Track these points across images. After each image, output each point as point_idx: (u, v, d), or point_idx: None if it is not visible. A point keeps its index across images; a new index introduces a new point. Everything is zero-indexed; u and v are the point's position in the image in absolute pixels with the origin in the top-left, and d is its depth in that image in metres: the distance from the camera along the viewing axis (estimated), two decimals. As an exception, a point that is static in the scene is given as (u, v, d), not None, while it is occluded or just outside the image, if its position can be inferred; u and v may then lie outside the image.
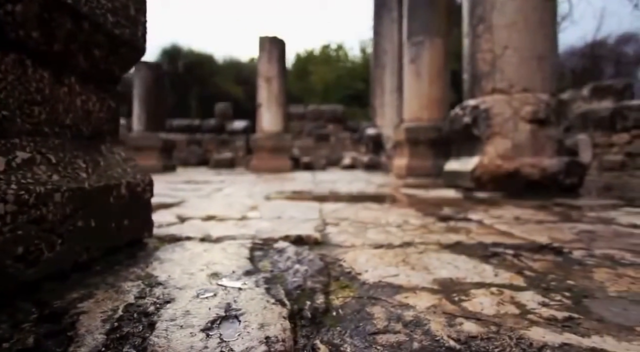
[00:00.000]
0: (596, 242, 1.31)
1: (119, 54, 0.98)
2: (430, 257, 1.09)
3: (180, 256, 0.99)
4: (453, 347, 0.58)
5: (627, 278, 0.94)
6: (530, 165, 3.02)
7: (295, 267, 0.95)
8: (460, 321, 0.67)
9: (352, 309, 0.73)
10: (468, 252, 1.18)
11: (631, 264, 1.05)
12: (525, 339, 0.60)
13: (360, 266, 0.98)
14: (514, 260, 1.10)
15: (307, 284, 0.83)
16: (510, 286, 0.87)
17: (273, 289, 0.76)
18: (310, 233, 1.32)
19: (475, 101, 3.28)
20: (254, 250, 1.09)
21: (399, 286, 0.85)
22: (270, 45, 8.08)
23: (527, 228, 1.58)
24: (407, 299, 0.77)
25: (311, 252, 1.10)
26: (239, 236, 1.28)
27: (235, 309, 0.65)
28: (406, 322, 0.66)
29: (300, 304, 0.72)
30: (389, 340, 0.61)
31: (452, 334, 0.62)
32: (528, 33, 3.04)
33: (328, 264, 1.01)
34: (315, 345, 0.59)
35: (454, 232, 1.49)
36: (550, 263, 1.07)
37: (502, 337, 0.61)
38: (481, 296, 0.80)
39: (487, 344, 0.59)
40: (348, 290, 0.84)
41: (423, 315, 0.69)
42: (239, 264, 0.93)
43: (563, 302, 0.77)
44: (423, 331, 0.63)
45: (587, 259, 1.11)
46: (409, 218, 1.84)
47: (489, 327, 0.64)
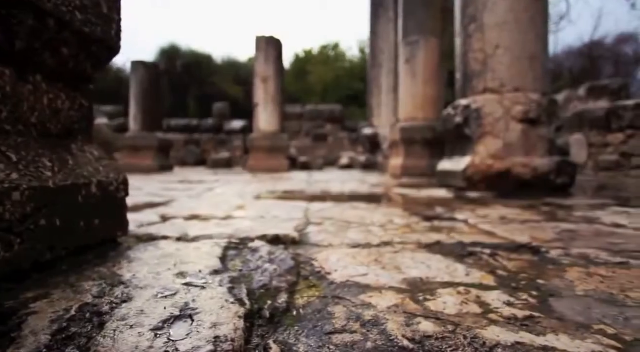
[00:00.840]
0: (575, 242, 1.31)
1: (90, 52, 0.98)
2: (404, 256, 1.09)
3: (151, 255, 0.98)
4: (406, 347, 0.58)
5: (598, 277, 0.93)
6: (522, 165, 3.02)
7: (265, 266, 0.94)
8: (419, 320, 0.66)
9: (314, 309, 0.72)
10: (445, 251, 1.18)
11: (605, 263, 1.05)
12: (479, 338, 0.60)
13: (332, 266, 0.98)
14: (489, 260, 1.09)
15: (273, 284, 0.82)
16: (480, 285, 0.87)
17: (236, 288, 0.76)
18: (288, 233, 1.32)
19: (466, 101, 3.28)
20: (228, 249, 1.09)
21: (366, 286, 0.84)
22: (267, 45, 8.08)
23: (511, 228, 1.57)
24: (371, 298, 0.77)
25: (285, 251, 1.10)
26: (216, 235, 1.28)
27: (192, 308, 0.64)
28: (364, 322, 0.66)
29: (261, 303, 0.72)
30: (344, 340, 0.61)
31: (408, 333, 0.62)
32: (519, 33, 3.04)
33: (300, 264, 1.00)
34: (268, 345, 0.58)
35: (436, 232, 1.49)
36: (525, 263, 1.07)
37: (457, 336, 0.60)
38: (447, 295, 0.79)
39: (441, 344, 0.59)
40: (314, 289, 0.83)
41: (383, 315, 0.69)
42: (209, 263, 0.93)
43: (528, 302, 0.77)
44: (379, 330, 0.63)
45: (563, 259, 1.10)
46: (394, 218, 1.83)
47: (446, 327, 0.64)
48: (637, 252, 1.15)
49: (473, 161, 3.14)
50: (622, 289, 0.85)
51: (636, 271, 0.98)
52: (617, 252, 1.15)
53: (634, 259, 1.09)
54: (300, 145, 12.69)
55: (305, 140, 13.16)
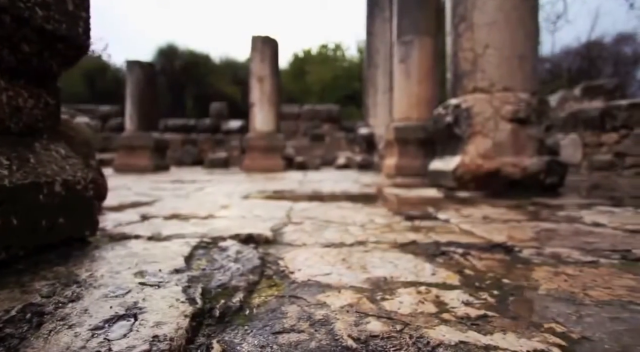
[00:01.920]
0: (552, 241, 1.30)
1: (55, 49, 0.97)
2: (374, 256, 1.08)
3: (116, 254, 0.98)
4: (350, 347, 0.57)
5: (564, 276, 0.93)
6: (511, 165, 3.01)
7: (229, 265, 0.94)
8: (369, 320, 0.66)
9: (268, 308, 0.72)
10: (418, 251, 1.17)
11: (574, 262, 1.05)
12: (424, 337, 0.59)
13: (297, 265, 0.97)
14: (460, 259, 1.09)
15: (232, 283, 0.82)
16: (443, 284, 0.87)
17: (192, 287, 0.75)
18: (262, 232, 1.31)
19: (457, 100, 3.28)
20: (197, 248, 1.08)
21: (327, 285, 0.84)
22: (263, 44, 8.07)
23: (490, 227, 1.57)
24: (328, 298, 0.76)
25: (254, 251, 1.09)
26: (189, 235, 1.27)
27: (139, 307, 0.64)
28: (314, 322, 0.65)
29: (214, 302, 0.71)
30: (289, 339, 0.60)
31: (354, 333, 0.61)
32: (508, 32, 3.03)
33: (266, 263, 1.00)
34: (210, 344, 0.58)
35: (414, 232, 1.48)
36: (495, 262, 1.07)
37: (402, 336, 0.60)
38: (405, 294, 0.79)
39: (385, 343, 0.58)
40: (274, 289, 0.83)
41: (334, 314, 0.68)
42: (173, 262, 0.92)
43: (487, 301, 0.77)
44: (327, 330, 0.62)
45: (534, 258, 1.10)
46: (377, 217, 1.83)
47: (394, 327, 0.63)
48: (609, 251, 1.15)
49: (463, 161, 3.13)
50: (584, 287, 0.84)
51: (603, 270, 0.98)
52: (589, 251, 1.15)
53: (604, 258, 1.08)
54: (297, 145, 12.68)
55: (302, 140, 13.16)
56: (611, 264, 1.03)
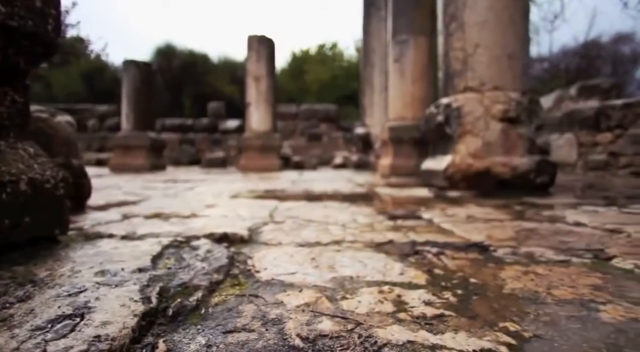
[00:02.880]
0: (529, 241, 1.29)
1: (21, 47, 0.96)
2: (345, 255, 1.08)
3: (84, 253, 0.97)
4: (297, 346, 0.57)
5: (532, 275, 0.92)
6: (501, 164, 3.00)
7: (195, 264, 0.93)
8: (322, 319, 0.65)
9: (225, 307, 0.71)
10: (392, 250, 1.17)
11: (546, 261, 1.04)
12: (373, 337, 0.59)
13: (264, 264, 0.97)
14: (432, 258, 1.08)
15: (194, 282, 0.81)
16: (408, 284, 0.86)
17: (150, 286, 0.75)
18: (238, 231, 1.31)
19: (447, 99, 3.27)
20: (169, 247, 1.08)
21: (290, 284, 0.83)
22: (259, 44, 8.06)
23: (471, 227, 1.56)
24: (287, 297, 0.76)
25: (225, 250, 1.09)
26: (164, 234, 1.26)
27: (89, 307, 0.63)
28: (266, 321, 0.65)
29: (170, 301, 0.70)
30: (238, 339, 0.59)
31: (303, 332, 0.60)
32: (499, 31, 3.03)
33: (234, 262, 0.99)
34: (156, 343, 0.57)
35: (394, 231, 1.48)
36: (467, 261, 1.06)
37: (352, 336, 0.59)
38: (367, 294, 0.78)
39: (333, 343, 0.57)
40: (237, 288, 0.82)
41: (288, 313, 0.68)
42: (139, 262, 0.91)
43: (448, 300, 0.76)
44: (277, 329, 0.62)
45: (507, 257, 1.09)
46: (360, 217, 1.82)
47: (345, 326, 0.63)
48: (583, 250, 1.14)
49: (453, 160, 3.12)
50: (549, 287, 0.84)
51: (573, 269, 0.97)
52: (563, 251, 1.14)
53: (576, 257, 1.08)
54: (295, 145, 12.68)
55: (300, 139, 13.15)
56: (582, 263, 1.03)
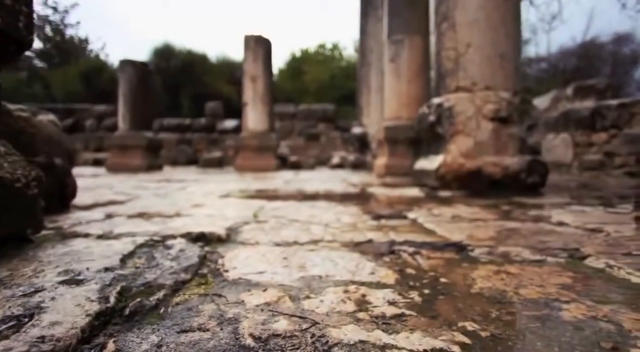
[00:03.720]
0: (509, 240, 1.29)
1: (-8, 45, 0.96)
2: (319, 255, 1.07)
3: (53, 252, 0.97)
4: (247, 346, 0.56)
5: (503, 275, 0.92)
6: (492, 164, 3.00)
7: (165, 263, 0.93)
8: (279, 319, 0.65)
9: (185, 307, 0.71)
10: (369, 250, 1.16)
11: (521, 261, 1.03)
12: (325, 337, 0.58)
13: (235, 264, 0.96)
14: (408, 258, 1.08)
15: (159, 281, 0.81)
16: (376, 283, 0.85)
17: (112, 286, 0.74)
18: (216, 230, 1.30)
19: (439, 99, 3.26)
20: (142, 246, 1.07)
21: (256, 284, 0.83)
22: (256, 44, 8.05)
23: (454, 226, 1.56)
24: (250, 296, 0.75)
25: (199, 249, 1.08)
26: (141, 233, 1.26)
27: (41, 307, 0.63)
28: (223, 320, 0.64)
29: (129, 301, 0.70)
30: (191, 338, 0.59)
31: (257, 332, 0.60)
32: (490, 31, 3.02)
33: (206, 261, 0.99)
34: (106, 344, 0.57)
35: (376, 230, 1.47)
36: (442, 261, 1.05)
37: (304, 335, 0.59)
38: (331, 293, 0.78)
39: (284, 342, 0.57)
40: (202, 287, 0.82)
41: (246, 313, 0.67)
42: (107, 261, 0.91)
43: (413, 300, 0.75)
44: (232, 329, 0.61)
45: (483, 257, 1.09)
46: (345, 216, 1.82)
47: (300, 326, 0.62)
48: (559, 249, 1.13)
49: (445, 160, 3.12)
50: (518, 286, 0.83)
51: (546, 269, 0.97)
52: (540, 250, 1.14)
53: (552, 256, 1.07)
54: (293, 145, 12.67)
55: (298, 139, 13.14)
56: (557, 262, 1.02)
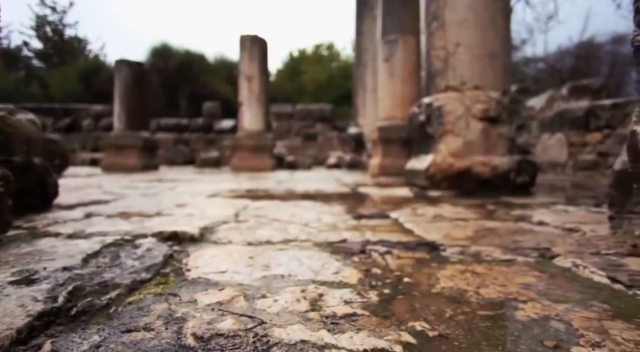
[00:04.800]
0: (483, 240, 1.28)
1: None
2: (287, 254, 1.06)
3: (16, 252, 0.96)
4: (187, 345, 0.55)
5: (469, 274, 0.91)
6: (481, 164, 2.99)
7: (128, 263, 0.92)
8: (226, 318, 0.64)
9: (137, 306, 0.70)
10: (340, 249, 1.15)
11: (490, 260, 1.03)
12: (267, 337, 0.57)
13: (199, 263, 0.96)
14: (377, 257, 1.07)
15: (115, 281, 0.80)
16: (337, 283, 0.85)
17: (64, 286, 0.74)
18: (189, 230, 1.29)
19: (429, 99, 3.26)
20: (110, 246, 1.07)
21: (214, 283, 0.82)
22: (251, 44, 8.05)
23: (434, 226, 1.55)
24: (204, 295, 0.75)
25: (168, 248, 1.08)
26: (114, 232, 1.25)
27: (-16, 306, 0.62)
28: (170, 320, 0.64)
29: (79, 301, 0.69)
30: (134, 338, 0.58)
31: (200, 331, 0.59)
32: (479, 30, 3.02)
33: (171, 260, 0.98)
34: (42, 344, 0.56)
35: (353, 230, 1.47)
36: (411, 260, 1.05)
37: (247, 335, 0.58)
38: (288, 293, 0.77)
39: (226, 342, 0.56)
40: (161, 286, 0.81)
41: (195, 312, 0.66)
42: (68, 260, 0.90)
43: (369, 300, 0.75)
44: (177, 328, 0.61)
45: (453, 256, 1.08)
46: (327, 216, 1.81)
47: (246, 325, 0.61)
48: (531, 249, 1.13)
49: (434, 160, 3.11)
50: (480, 286, 0.83)
51: (514, 268, 0.96)
52: (512, 250, 1.13)
53: (522, 256, 1.07)
54: (290, 145, 12.66)
55: (295, 139, 13.14)
56: (525, 262, 1.02)
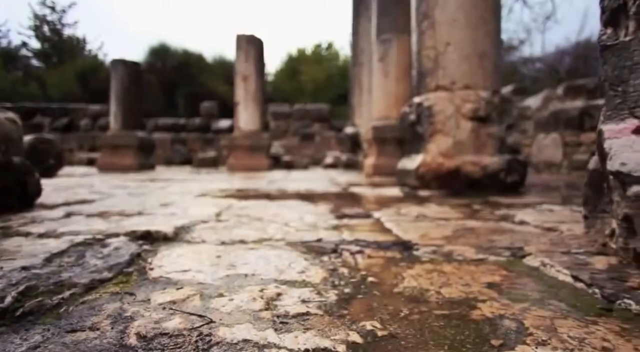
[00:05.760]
0: (459, 239, 1.27)
1: None
2: (256, 254, 1.06)
3: (-19, 251, 0.95)
4: (129, 345, 0.55)
5: (435, 273, 0.90)
6: (471, 164, 2.98)
7: (92, 262, 0.91)
8: (175, 317, 0.63)
9: (90, 305, 0.69)
10: (312, 249, 1.14)
11: (461, 260, 1.02)
12: (210, 336, 0.57)
13: (164, 262, 0.95)
14: (348, 257, 1.06)
15: (73, 280, 0.79)
16: (300, 282, 0.84)
17: (16, 285, 0.73)
18: (163, 229, 1.29)
19: (419, 98, 3.25)
20: (78, 245, 1.06)
21: (175, 282, 0.81)
22: (247, 43, 8.04)
23: (414, 226, 1.54)
24: (160, 295, 0.74)
25: (137, 247, 1.07)
26: (86, 231, 1.24)
27: None
28: (118, 319, 0.63)
29: (27, 301, 0.68)
30: (77, 338, 0.57)
31: (145, 331, 0.58)
32: (469, 30, 3.01)
33: (137, 259, 0.97)
34: (-18, 343, 0.55)
35: (331, 230, 1.46)
36: (382, 260, 1.04)
37: (191, 334, 0.57)
38: (246, 292, 0.76)
39: (168, 341, 0.55)
40: (121, 285, 0.80)
41: (145, 311, 0.66)
42: (30, 260, 0.90)
43: (327, 300, 0.74)
44: (122, 328, 0.60)
45: (425, 256, 1.07)
46: (309, 215, 1.80)
47: (193, 324, 0.61)
48: (504, 248, 1.12)
49: (424, 159, 3.10)
50: (443, 285, 0.82)
51: (483, 267, 0.95)
52: (486, 249, 1.12)
53: (495, 255, 1.06)
54: (287, 145, 12.65)
55: (292, 139, 13.13)
56: (496, 261, 1.01)
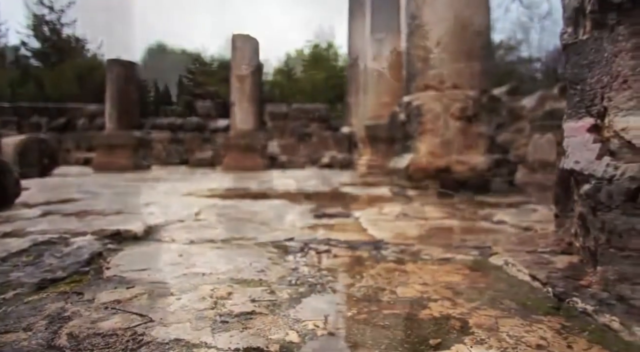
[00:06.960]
0: (432, 239, 1.26)
1: None
2: (221, 253, 1.05)
3: (-61, 250, 0.94)
4: (57, 346, 0.54)
5: (396, 273, 0.89)
6: (460, 163, 2.97)
7: (49, 261, 0.90)
8: (114, 317, 0.62)
9: (33, 305, 0.68)
10: (280, 248, 1.13)
11: (427, 259, 1.01)
12: (143, 335, 0.56)
13: (124, 261, 0.94)
14: (313, 256, 1.05)
15: (22, 280, 0.78)
16: (256, 281, 0.83)
17: (-36, 283, 0.72)
18: (133, 228, 1.27)
19: (409, 98, 3.24)
20: (41, 244, 1.05)
21: (128, 281, 0.80)
22: (243, 43, 8.02)
23: (391, 225, 1.53)
24: (110, 294, 0.73)
25: (102, 246, 1.06)
26: (52, 231, 1.24)
27: None
28: (56, 319, 0.62)
29: (-28, 299, 0.67)
30: (6, 340, 0.57)
31: (79, 331, 0.57)
32: (458, 29, 3.00)
33: (98, 259, 0.96)
34: None
35: (307, 229, 1.45)
36: (348, 259, 1.03)
37: (125, 334, 0.56)
38: (197, 292, 0.75)
39: (100, 341, 0.55)
40: (73, 284, 0.79)
41: (87, 310, 0.65)
42: (-13, 258, 0.88)
43: (277, 299, 0.73)
44: (56, 328, 0.59)
45: (391, 255, 1.06)
46: (289, 215, 1.79)
47: (131, 324, 0.60)
48: (472, 247, 1.11)
49: (413, 159, 3.09)
50: (400, 284, 0.81)
51: (447, 267, 0.94)
52: (455, 248, 1.11)
53: (463, 254, 1.05)
54: (285, 144, 12.62)
55: (290, 139, 13.10)
56: (462, 260, 1.00)
